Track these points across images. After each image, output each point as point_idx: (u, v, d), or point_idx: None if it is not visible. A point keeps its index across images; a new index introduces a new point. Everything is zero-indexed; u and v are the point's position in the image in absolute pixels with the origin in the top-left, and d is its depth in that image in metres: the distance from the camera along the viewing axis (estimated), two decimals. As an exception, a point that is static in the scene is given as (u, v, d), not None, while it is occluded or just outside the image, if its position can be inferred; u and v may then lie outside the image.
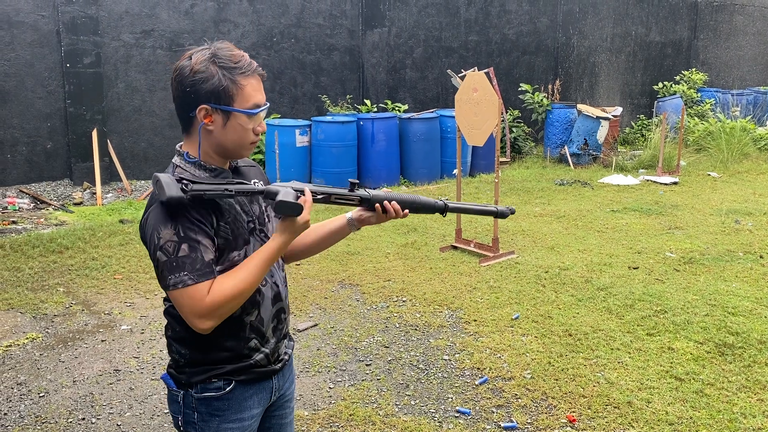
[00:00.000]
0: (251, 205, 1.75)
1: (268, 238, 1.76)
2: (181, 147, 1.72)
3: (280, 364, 1.84)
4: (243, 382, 1.74)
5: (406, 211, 1.86)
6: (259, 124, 1.69)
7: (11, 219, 7.22)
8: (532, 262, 5.74)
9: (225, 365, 1.72)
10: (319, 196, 1.74)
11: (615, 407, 3.41)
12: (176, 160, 1.71)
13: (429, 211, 1.92)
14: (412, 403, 3.52)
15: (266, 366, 1.79)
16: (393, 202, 1.83)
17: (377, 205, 1.83)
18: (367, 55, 10.69)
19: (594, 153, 10.93)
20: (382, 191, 1.86)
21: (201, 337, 1.68)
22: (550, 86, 12.66)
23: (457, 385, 3.70)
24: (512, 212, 2.07)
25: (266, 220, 1.80)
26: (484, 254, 5.88)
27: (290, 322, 4.49)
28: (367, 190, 1.84)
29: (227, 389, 1.72)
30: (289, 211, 1.62)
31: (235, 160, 1.77)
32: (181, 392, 1.74)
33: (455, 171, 8.39)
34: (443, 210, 1.93)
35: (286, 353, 1.88)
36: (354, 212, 1.93)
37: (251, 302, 1.72)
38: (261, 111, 1.67)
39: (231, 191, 1.60)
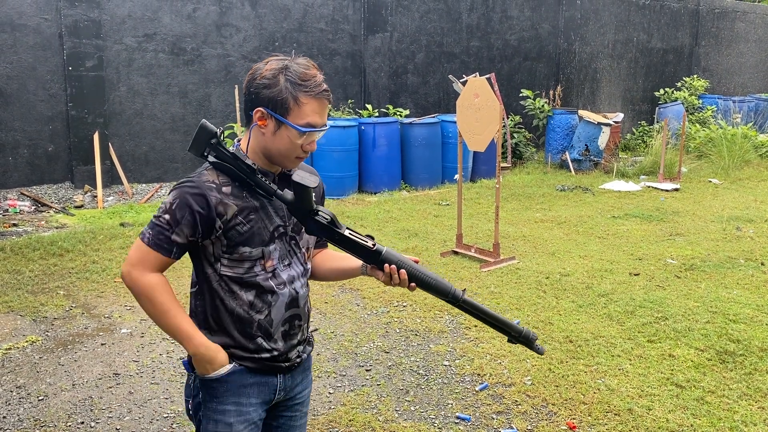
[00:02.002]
0: (289, 212, 1.82)
1: (299, 247, 1.86)
2: (239, 140, 1.82)
3: (287, 364, 1.88)
4: (245, 367, 1.81)
5: (413, 284, 1.80)
6: (310, 143, 1.75)
7: (12, 221, 7.22)
8: (533, 267, 5.73)
9: (227, 349, 1.80)
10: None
11: (615, 414, 3.40)
12: (234, 145, 1.84)
13: (439, 294, 1.82)
14: (412, 408, 3.51)
15: (273, 362, 1.84)
16: (401, 271, 1.78)
17: (385, 266, 1.79)
18: (369, 60, 10.71)
19: (595, 159, 10.93)
20: (397, 253, 1.80)
21: (212, 317, 1.81)
22: (551, 92, 12.67)
23: (457, 391, 3.69)
24: (535, 339, 1.92)
25: (302, 229, 1.86)
26: (485, 260, 5.87)
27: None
28: (384, 248, 1.79)
29: (227, 369, 1.79)
30: (304, 188, 1.70)
31: (288, 169, 1.83)
32: (193, 375, 1.84)
33: (456, 176, 8.39)
34: (456, 300, 1.83)
35: (299, 357, 1.92)
36: None
37: (263, 301, 1.79)
38: (312, 131, 1.72)
39: (244, 177, 1.71)
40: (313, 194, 1.85)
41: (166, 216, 1.69)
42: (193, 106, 9.28)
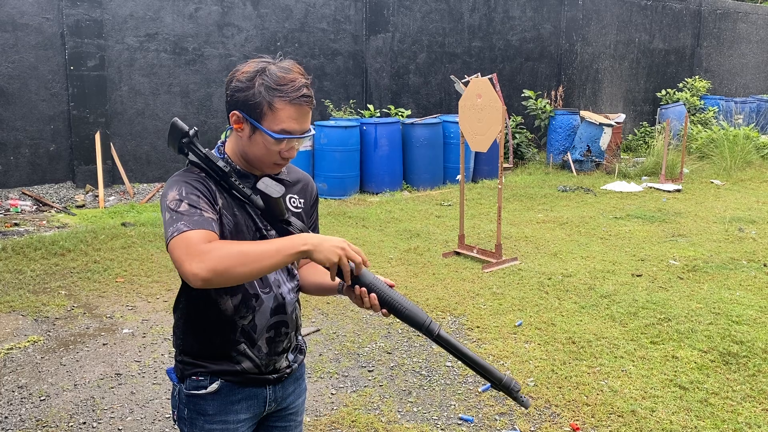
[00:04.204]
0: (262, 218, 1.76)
1: None
2: (223, 141, 1.76)
3: (276, 375, 1.82)
4: (231, 382, 1.75)
5: (384, 310, 1.69)
6: (289, 150, 1.68)
7: (13, 221, 7.21)
8: (535, 268, 5.72)
9: (212, 363, 1.73)
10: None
11: (619, 416, 3.39)
12: (216, 147, 1.78)
13: (413, 325, 1.70)
14: (415, 410, 3.51)
15: (257, 374, 1.78)
16: (372, 295, 1.66)
17: (356, 287, 1.68)
18: (371, 60, 10.70)
19: (597, 160, 10.91)
20: (371, 275, 1.68)
21: (195, 324, 1.73)
22: (553, 92, 12.66)
23: (459, 392, 3.68)
24: (517, 389, 1.78)
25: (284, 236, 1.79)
26: (487, 260, 5.86)
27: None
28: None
29: (214, 388, 1.73)
30: (268, 197, 1.62)
31: (271, 174, 1.76)
32: (178, 387, 1.78)
33: (458, 177, 8.38)
34: (431, 334, 1.70)
35: (290, 367, 1.86)
36: None
37: (247, 306, 1.72)
38: (288, 138, 1.64)
39: (217, 178, 1.65)
40: (294, 210, 1.80)
41: (184, 203, 1.56)
42: (194, 106, 9.27)
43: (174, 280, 5.32)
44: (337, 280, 1.74)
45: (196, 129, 1.66)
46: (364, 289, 1.67)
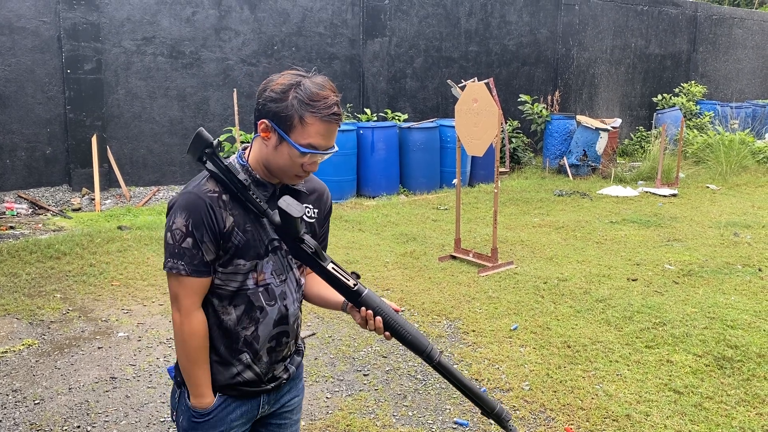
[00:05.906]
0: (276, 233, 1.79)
1: (294, 262, 1.84)
2: (245, 148, 1.79)
3: (274, 384, 1.86)
4: (230, 396, 1.80)
5: (387, 333, 1.75)
6: (312, 163, 1.72)
7: (9, 224, 7.20)
8: (531, 272, 5.73)
9: (215, 374, 1.78)
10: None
11: (613, 420, 3.40)
12: (237, 153, 1.81)
13: (414, 350, 1.76)
14: (410, 414, 3.51)
15: (257, 386, 1.82)
16: (377, 318, 1.73)
17: (362, 309, 1.74)
18: (368, 64, 10.71)
19: (593, 164, 10.94)
20: (377, 298, 1.75)
21: None
22: (549, 97, 12.69)
23: (455, 396, 3.68)
24: (508, 419, 1.85)
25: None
26: (483, 264, 5.87)
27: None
28: (365, 289, 1.74)
29: (216, 404, 1.79)
30: (288, 216, 1.64)
31: (289, 184, 1.80)
32: (179, 390, 1.82)
33: (455, 181, 8.40)
34: (431, 360, 1.76)
35: (286, 371, 1.90)
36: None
37: (250, 318, 1.76)
38: (313, 153, 1.68)
39: (235, 191, 1.68)
40: (308, 219, 1.84)
41: (189, 240, 1.66)
42: (191, 110, 9.27)
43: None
44: (342, 297, 1.80)
45: (219, 140, 1.71)
46: (370, 312, 1.73)
